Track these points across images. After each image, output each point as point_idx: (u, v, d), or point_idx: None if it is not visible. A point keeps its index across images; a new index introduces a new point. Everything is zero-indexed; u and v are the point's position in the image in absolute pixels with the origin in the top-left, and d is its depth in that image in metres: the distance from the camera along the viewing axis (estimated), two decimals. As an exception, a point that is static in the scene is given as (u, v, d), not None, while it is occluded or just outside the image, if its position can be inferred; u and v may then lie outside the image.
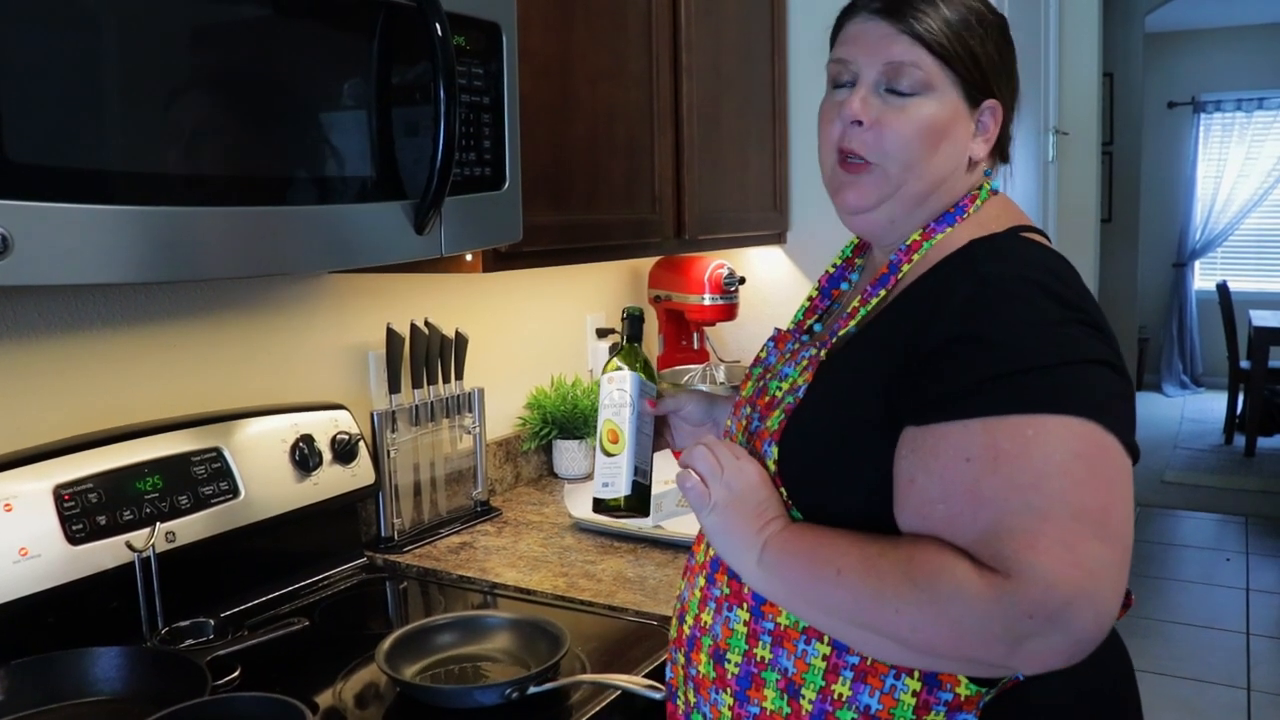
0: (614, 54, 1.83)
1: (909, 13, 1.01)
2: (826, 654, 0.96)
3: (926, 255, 1.02)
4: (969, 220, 1.04)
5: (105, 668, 1.22)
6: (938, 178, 1.04)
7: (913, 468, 0.89)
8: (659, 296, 2.46)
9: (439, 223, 1.30)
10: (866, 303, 1.03)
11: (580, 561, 1.68)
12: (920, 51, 1.00)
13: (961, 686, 0.93)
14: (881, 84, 1.02)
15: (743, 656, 1.00)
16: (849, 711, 0.95)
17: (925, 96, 1.01)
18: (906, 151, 1.02)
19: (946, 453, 0.87)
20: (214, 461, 1.47)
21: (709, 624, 1.04)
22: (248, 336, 1.66)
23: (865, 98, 1.02)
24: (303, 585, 1.61)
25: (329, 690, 1.26)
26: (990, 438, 0.86)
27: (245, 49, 1.08)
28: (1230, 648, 3.66)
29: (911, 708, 0.93)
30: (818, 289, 1.21)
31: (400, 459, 1.79)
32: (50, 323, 1.39)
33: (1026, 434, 0.85)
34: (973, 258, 0.97)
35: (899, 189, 1.03)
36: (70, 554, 1.27)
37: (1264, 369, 5.94)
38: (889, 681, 0.94)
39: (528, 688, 1.18)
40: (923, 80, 1.01)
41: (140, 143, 0.99)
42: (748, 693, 1.00)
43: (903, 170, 1.02)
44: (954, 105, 1.02)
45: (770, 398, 1.07)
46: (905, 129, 1.01)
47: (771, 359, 1.16)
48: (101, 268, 0.97)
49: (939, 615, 0.84)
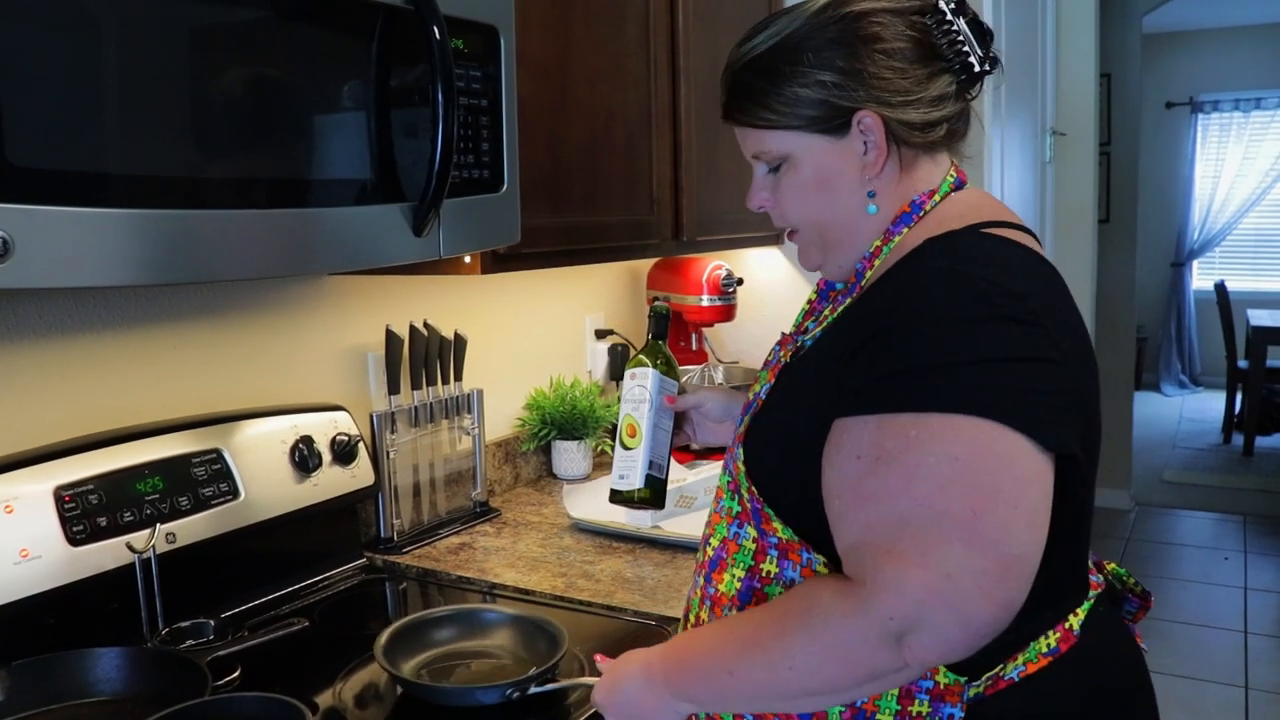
0: (612, 56, 1.84)
1: (732, 110, 1.07)
2: None
3: (887, 258, 1.02)
4: (927, 218, 1.02)
5: (106, 668, 1.23)
6: (846, 217, 1.05)
7: (826, 458, 0.91)
8: (657, 297, 2.46)
9: (437, 225, 1.30)
10: (836, 309, 1.04)
11: (579, 562, 1.69)
12: (758, 135, 1.05)
13: (940, 675, 0.93)
14: (765, 169, 1.08)
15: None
16: (837, 705, 0.96)
17: (788, 164, 1.05)
18: (803, 214, 1.07)
19: (844, 448, 0.89)
20: (214, 463, 1.47)
21: (707, 622, 1.05)
22: (247, 338, 1.66)
23: (759, 182, 1.10)
24: (302, 586, 1.62)
25: (329, 690, 1.27)
26: (879, 436, 0.86)
27: (245, 52, 1.09)
28: (1229, 646, 3.67)
29: (895, 697, 0.94)
30: (816, 292, 1.21)
31: (399, 460, 1.79)
32: (51, 325, 1.40)
33: (910, 434, 0.85)
34: (921, 257, 0.97)
35: (824, 244, 1.08)
36: (71, 555, 1.28)
37: (1262, 368, 5.95)
38: None
39: (529, 688, 1.19)
40: (775, 155, 1.05)
41: (140, 146, 1.00)
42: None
43: (813, 229, 1.08)
44: (820, 151, 1.02)
45: (747, 400, 1.10)
46: (790, 198, 1.06)
47: (775, 361, 1.17)
48: (102, 271, 0.97)
49: (823, 649, 0.87)
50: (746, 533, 1.01)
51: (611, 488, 1.30)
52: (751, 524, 1.01)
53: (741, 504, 1.02)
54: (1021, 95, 3.28)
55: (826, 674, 0.88)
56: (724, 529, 1.06)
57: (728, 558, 1.04)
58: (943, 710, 0.94)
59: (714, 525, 1.08)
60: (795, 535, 0.97)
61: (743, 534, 1.02)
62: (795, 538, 0.97)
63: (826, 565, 0.95)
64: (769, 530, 0.99)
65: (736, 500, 1.03)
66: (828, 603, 0.87)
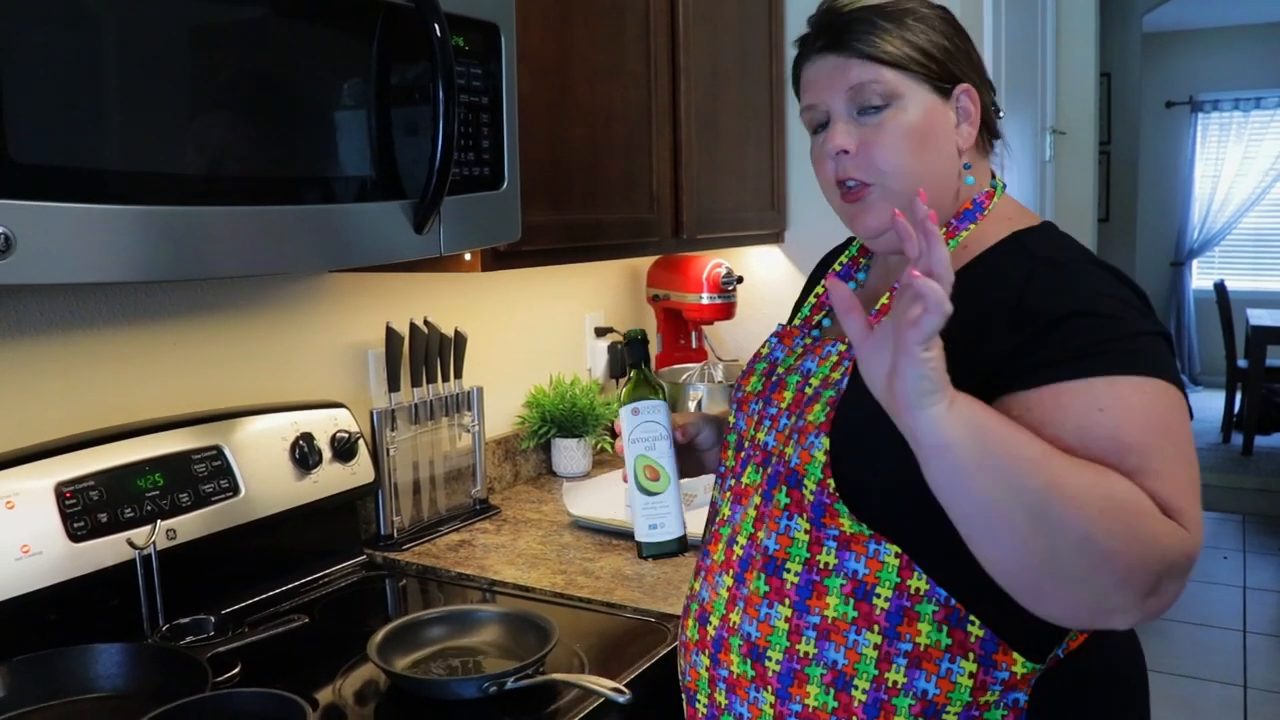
0: (612, 54, 1.84)
1: (850, 39, 1.04)
2: (878, 643, 0.96)
3: (956, 252, 1.04)
4: (990, 216, 1.07)
5: (106, 664, 1.23)
6: (940, 179, 1.06)
7: (1034, 424, 0.88)
8: (657, 296, 2.46)
9: (438, 222, 1.31)
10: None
11: (579, 559, 1.69)
12: (874, 67, 1.03)
13: (1018, 665, 0.96)
14: (852, 110, 1.05)
15: (784, 653, 1.00)
16: (905, 698, 0.96)
17: (895, 106, 1.03)
18: (898, 162, 1.04)
19: (1075, 406, 0.88)
20: (214, 460, 1.47)
21: (738, 624, 1.03)
22: (248, 335, 1.66)
23: (843, 128, 1.05)
24: (303, 582, 1.62)
25: (329, 686, 1.27)
26: (1117, 392, 0.88)
27: (245, 49, 1.09)
28: (1227, 645, 3.67)
29: (969, 689, 0.95)
30: (824, 287, 1.21)
31: (399, 457, 1.79)
32: (52, 321, 1.40)
33: (1146, 391, 0.89)
34: (1025, 247, 1.02)
35: (907, 203, 1.04)
36: (72, 551, 1.28)
37: (1261, 368, 5.94)
38: (944, 665, 0.95)
39: (506, 683, 1.19)
40: (887, 91, 1.03)
41: (141, 143, 1.00)
42: (790, 690, 0.99)
43: (901, 181, 1.04)
44: (926, 103, 1.04)
45: (798, 394, 1.07)
46: (889, 142, 1.04)
47: (778, 355, 1.16)
48: (103, 267, 0.98)
49: (1134, 529, 0.82)
50: (798, 525, 1.01)
51: (641, 541, 1.17)
52: (804, 516, 1.00)
53: (794, 496, 1.01)
54: (1021, 94, 3.28)
55: (1115, 544, 0.82)
56: (749, 526, 1.05)
57: (765, 556, 1.02)
58: (1009, 698, 0.97)
59: (738, 524, 1.07)
60: (865, 529, 0.97)
61: (794, 526, 1.01)
62: (864, 530, 0.97)
63: (899, 555, 0.96)
64: (830, 523, 0.99)
65: (785, 493, 1.02)
66: (1150, 504, 0.85)
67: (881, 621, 0.97)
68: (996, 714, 0.97)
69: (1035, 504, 0.82)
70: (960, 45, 1.07)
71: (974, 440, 0.82)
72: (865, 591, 0.97)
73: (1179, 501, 0.85)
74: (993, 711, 0.97)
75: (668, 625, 1.42)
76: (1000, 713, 0.97)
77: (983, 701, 0.96)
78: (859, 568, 0.97)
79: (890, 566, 0.97)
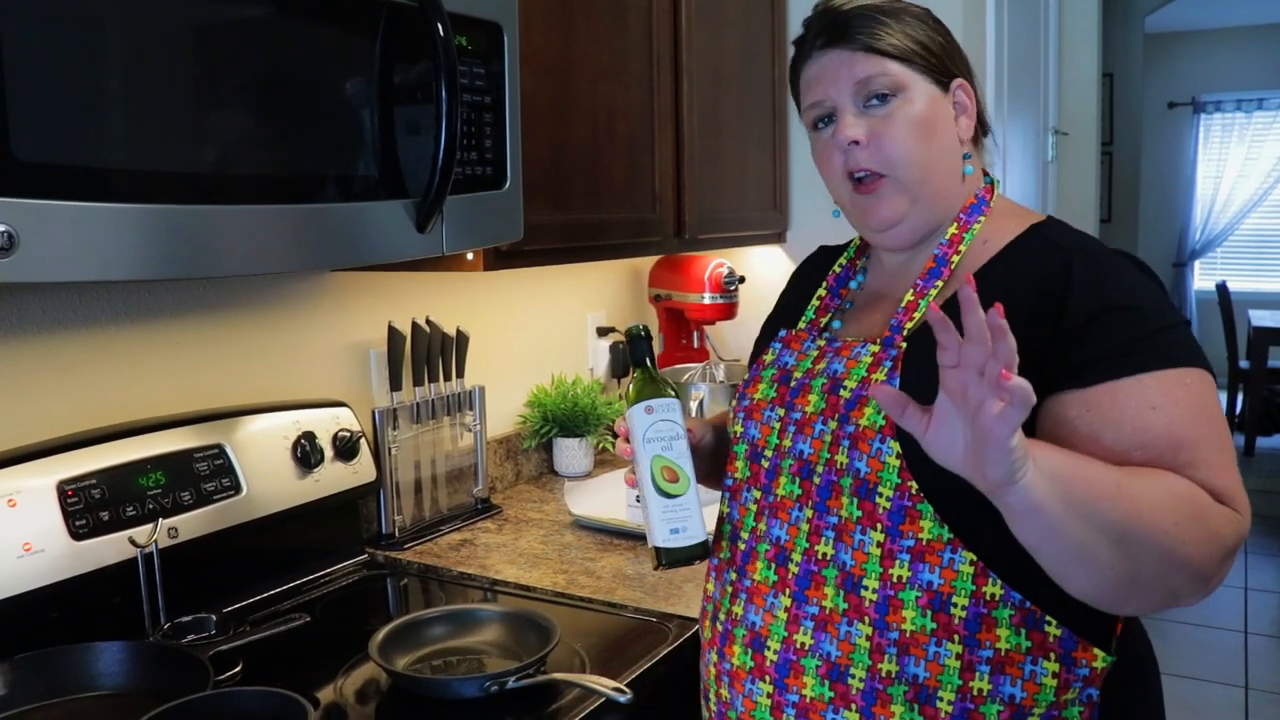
0: (615, 54, 1.84)
1: (853, 33, 1.06)
2: (959, 652, 0.96)
3: (975, 245, 1.07)
4: (995, 211, 1.10)
5: (108, 662, 1.23)
6: (947, 169, 1.08)
7: (1095, 425, 0.93)
8: (659, 295, 2.46)
9: (440, 221, 1.30)
10: (924, 294, 1.06)
11: (580, 559, 1.69)
12: (879, 60, 1.05)
13: (1098, 660, 0.98)
14: (859, 102, 1.07)
15: (867, 672, 0.98)
16: (993, 704, 0.96)
17: (902, 97, 1.06)
18: (909, 152, 1.05)
19: (1129, 406, 0.92)
20: (216, 458, 1.47)
21: (810, 645, 1.01)
22: (250, 334, 1.66)
23: (852, 119, 1.06)
24: (304, 581, 1.62)
25: (330, 685, 1.27)
26: (1165, 388, 0.93)
27: (248, 48, 1.09)
28: (1229, 646, 3.67)
29: (1053, 689, 0.97)
30: (826, 288, 1.21)
31: (401, 456, 1.79)
32: (55, 319, 1.40)
33: (1188, 382, 0.94)
34: (1049, 239, 1.04)
35: (918, 191, 1.07)
36: (73, 549, 1.28)
37: (1263, 369, 5.93)
38: (1028, 668, 0.96)
39: (507, 682, 1.19)
40: (893, 83, 1.05)
41: (144, 141, 1.00)
42: (874, 709, 0.98)
43: (913, 171, 1.06)
44: (930, 95, 1.07)
45: (830, 398, 1.04)
46: (898, 132, 1.05)
47: (787, 360, 1.14)
48: (106, 265, 0.98)
49: (1204, 529, 0.88)
50: (870, 538, 0.99)
51: (660, 547, 1.08)
52: (878, 528, 0.98)
53: (866, 508, 0.99)
54: (1024, 94, 3.28)
55: (1194, 549, 0.87)
56: (804, 541, 1.03)
57: (842, 571, 1.00)
58: (1084, 694, 0.99)
59: (785, 541, 1.04)
60: (945, 533, 0.96)
61: (867, 540, 0.99)
62: (945, 536, 0.96)
63: (974, 563, 0.96)
64: (908, 529, 0.97)
65: (856, 505, 1.00)
66: (1207, 497, 0.90)
67: (960, 630, 0.96)
68: (1074, 711, 0.99)
69: (1119, 535, 0.86)
70: (951, 42, 1.11)
71: (1060, 495, 0.84)
72: (942, 602, 0.97)
73: (1231, 488, 0.92)
74: (1070, 709, 0.99)
75: (669, 625, 1.42)
76: (1078, 709, 0.99)
77: (1064, 700, 0.98)
78: (933, 578, 0.97)
79: (965, 575, 0.97)
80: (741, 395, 1.17)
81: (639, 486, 1.12)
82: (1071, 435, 0.94)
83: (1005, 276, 1.02)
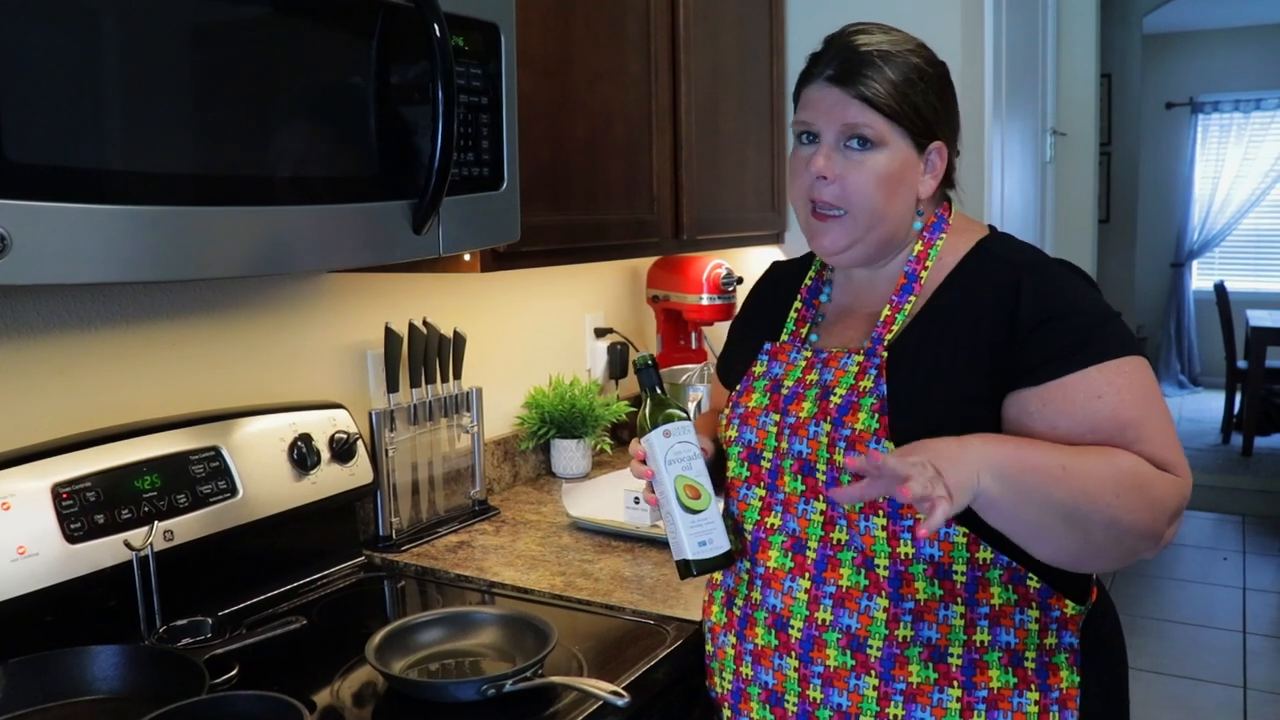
0: (613, 55, 1.83)
1: (857, 80, 1.15)
2: (963, 611, 1.11)
3: (935, 263, 1.20)
4: (955, 226, 1.23)
5: (103, 666, 1.22)
6: (896, 220, 1.19)
7: (1051, 417, 1.07)
8: (657, 296, 2.46)
9: (437, 222, 1.30)
10: (900, 309, 1.19)
11: (578, 560, 1.68)
12: (870, 113, 1.15)
13: (1069, 608, 1.13)
14: (840, 141, 1.17)
15: (884, 640, 1.12)
16: (994, 652, 1.11)
17: (878, 150, 1.16)
18: (868, 199, 1.17)
19: (1078, 397, 1.07)
20: (212, 460, 1.47)
21: (830, 620, 1.13)
22: (246, 336, 1.66)
23: (827, 155, 1.17)
24: (301, 584, 1.61)
25: (327, 689, 1.27)
26: (1107, 377, 1.07)
27: (244, 49, 1.08)
28: (1227, 646, 3.67)
29: (1036, 634, 1.12)
30: (801, 300, 1.32)
31: (398, 458, 1.79)
32: (49, 322, 1.39)
33: (1126, 370, 1.07)
34: (995, 253, 1.18)
35: (866, 233, 1.18)
36: (68, 552, 1.28)
37: (1261, 369, 5.94)
38: (1017, 617, 1.12)
39: (504, 685, 1.19)
40: (874, 136, 1.15)
41: (138, 142, 0.99)
42: (893, 672, 1.12)
43: (868, 216, 1.17)
44: (904, 154, 1.17)
45: (821, 403, 1.16)
46: (864, 180, 1.16)
47: (776, 371, 1.25)
48: (100, 267, 0.97)
49: (1144, 497, 1.02)
50: (875, 524, 1.12)
51: (689, 559, 1.17)
52: (881, 514, 1.11)
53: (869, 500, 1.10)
54: (1022, 94, 3.28)
55: (1137, 516, 1.02)
56: (818, 530, 1.15)
57: (858, 552, 1.12)
58: (1064, 638, 1.14)
59: (798, 531, 1.16)
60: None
61: (873, 526, 1.12)
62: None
63: (967, 534, 1.10)
64: (906, 514, 1.10)
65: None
66: (1149, 468, 1.04)
67: (962, 593, 1.11)
68: (1061, 657, 1.14)
69: (1067, 512, 1.01)
70: (948, 106, 1.21)
71: (1010, 490, 0.99)
72: (945, 570, 1.11)
73: (1171, 455, 1.07)
74: (1058, 655, 1.14)
75: (667, 627, 1.41)
76: (1064, 655, 1.14)
77: (1048, 645, 1.13)
78: (934, 551, 1.11)
79: (960, 545, 1.11)
80: (735, 404, 1.28)
81: (663, 505, 1.20)
82: (1032, 426, 1.08)
83: (960, 291, 1.16)
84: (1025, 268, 1.13)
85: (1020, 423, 1.09)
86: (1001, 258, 1.17)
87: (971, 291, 1.15)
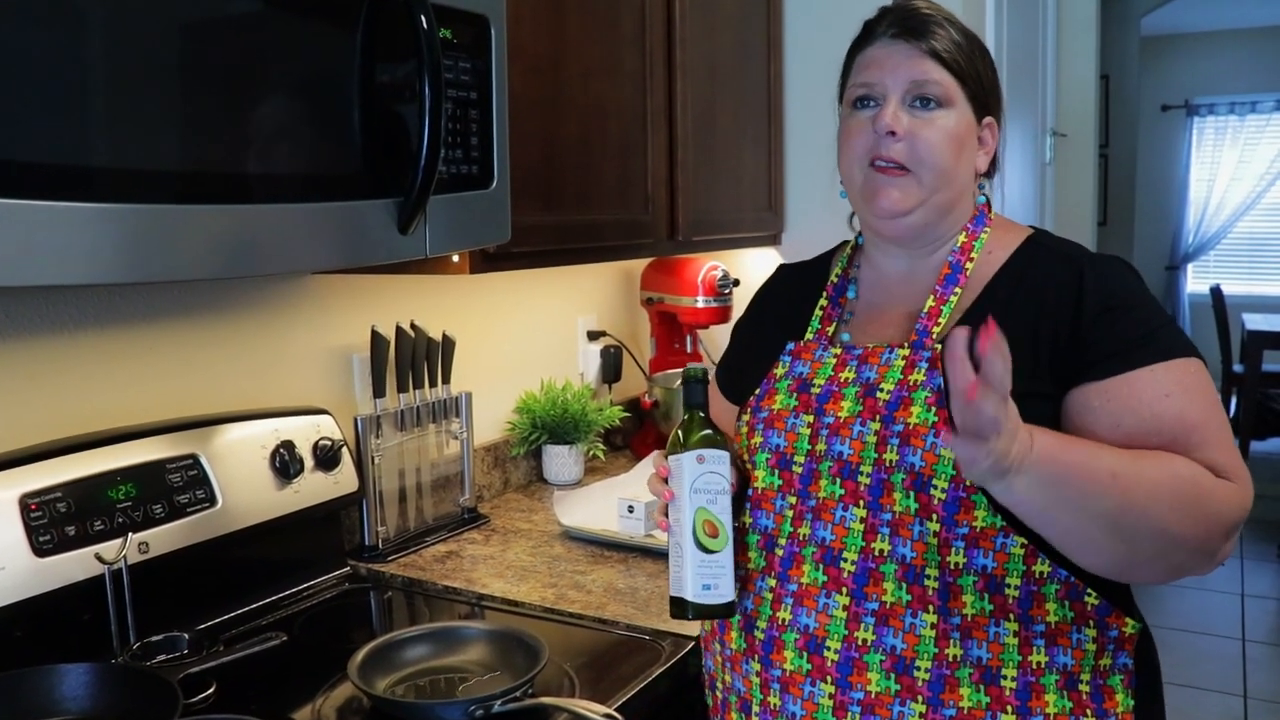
0: (607, 50, 1.79)
1: (927, 34, 1.12)
2: (1016, 629, 1.03)
3: (983, 255, 1.16)
4: (997, 222, 1.20)
5: (72, 685, 1.17)
6: (960, 187, 1.15)
7: (1116, 413, 1.02)
8: (651, 298, 2.42)
9: (424, 222, 1.26)
10: (945, 300, 1.13)
11: (570, 572, 1.64)
12: (940, 70, 1.12)
13: (1127, 626, 1.06)
14: (908, 99, 1.12)
15: (933, 660, 1.03)
16: (1051, 675, 1.04)
17: (947, 109, 1.12)
18: (938, 157, 1.12)
19: (1145, 394, 1.02)
20: (190, 469, 1.42)
21: (873, 640, 1.04)
22: (226, 339, 1.61)
23: (896, 111, 1.12)
24: (283, 596, 1.56)
25: (308, 707, 1.22)
26: (1175, 376, 1.03)
27: (226, 44, 1.05)
28: (1226, 654, 3.64)
29: (1093, 654, 1.06)
30: (827, 298, 1.25)
31: (385, 465, 1.74)
32: (20, 325, 1.35)
33: (1191, 370, 1.04)
34: (1049, 247, 1.14)
35: (931, 195, 1.13)
36: (37, 566, 1.23)
37: (1257, 373, 5.92)
38: (1074, 637, 1.05)
39: (493, 705, 1.14)
40: (942, 95, 1.12)
41: (117, 139, 0.95)
42: (941, 696, 1.03)
43: (935, 177, 1.12)
44: (968, 119, 1.14)
45: (866, 400, 1.09)
46: (935, 137, 1.12)
47: (801, 370, 1.17)
48: (75, 268, 0.93)
49: (1202, 509, 0.98)
50: (928, 529, 1.04)
51: (688, 600, 1.08)
52: (934, 519, 1.04)
53: (923, 500, 1.04)
54: (1022, 95, 3.25)
55: (1186, 528, 0.97)
56: (858, 540, 1.06)
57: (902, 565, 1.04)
58: (1119, 659, 1.07)
59: (833, 541, 1.07)
60: (998, 521, 1.02)
61: (925, 531, 1.04)
62: (998, 523, 1.02)
63: (1025, 546, 1.03)
64: (963, 519, 1.03)
65: (913, 498, 1.04)
66: (1209, 477, 0.99)
67: (1015, 609, 1.03)
68: (1116, 679, 1.07)
69: (1112, 521, 0.96)
70: (998, 84, 1.20)
71: (1043, 494, 0.94)
72: (997, 584, 1.03)
73: (1233, 463, 1.01)
74: (1113, 677, 1.07)
75: (662, 643, 1.37)
76: (1119, 677, 1.07)
77: (1103, 667, 1.06)
78: (988, 562, 1.04)
79: (1016, 557, 1.03)
80: (756, 408, 1.19)
81: (674, 534, 1.11)
82: (1094, 422, 1.03)
83: (1017, 285, 1.11)
84: (1086, 260, 1.10)
85: (1082, 418, 1.04)
86: (1059, 252, 1.13)
87: (1031, 285, 1.10)
